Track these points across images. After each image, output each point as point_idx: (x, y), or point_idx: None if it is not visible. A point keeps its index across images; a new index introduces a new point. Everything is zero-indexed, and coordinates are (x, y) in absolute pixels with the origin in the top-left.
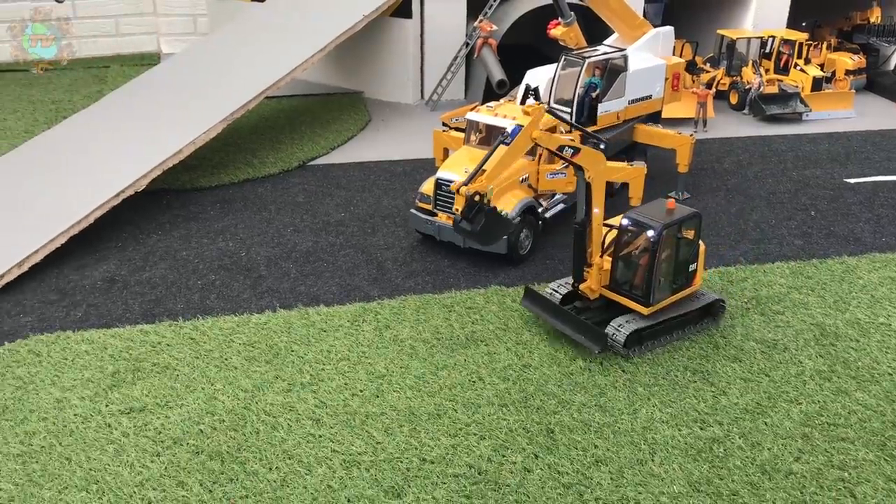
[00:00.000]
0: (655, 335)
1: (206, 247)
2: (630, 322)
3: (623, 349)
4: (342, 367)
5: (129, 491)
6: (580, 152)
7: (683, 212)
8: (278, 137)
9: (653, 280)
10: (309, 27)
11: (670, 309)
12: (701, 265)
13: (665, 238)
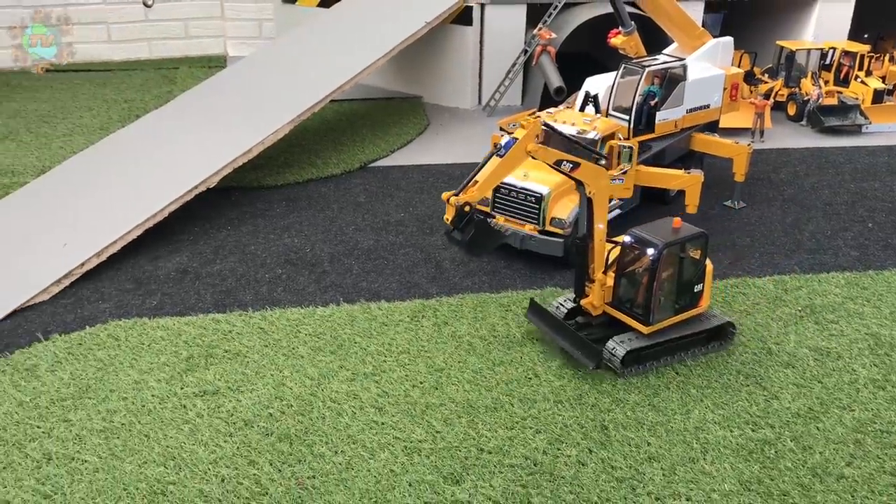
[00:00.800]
0: (657, 355)
1: (273, 242)
2: (629, 341)
3: (620, 367)
4: (403, 359)
5: (203, 468)
6: (579, 167)
7: (689, 231)
8: (340, 140)
9: (653, 299)
10: (373, 33)
11: (673, 329)
12: (708, 286)
13: (666, 257)
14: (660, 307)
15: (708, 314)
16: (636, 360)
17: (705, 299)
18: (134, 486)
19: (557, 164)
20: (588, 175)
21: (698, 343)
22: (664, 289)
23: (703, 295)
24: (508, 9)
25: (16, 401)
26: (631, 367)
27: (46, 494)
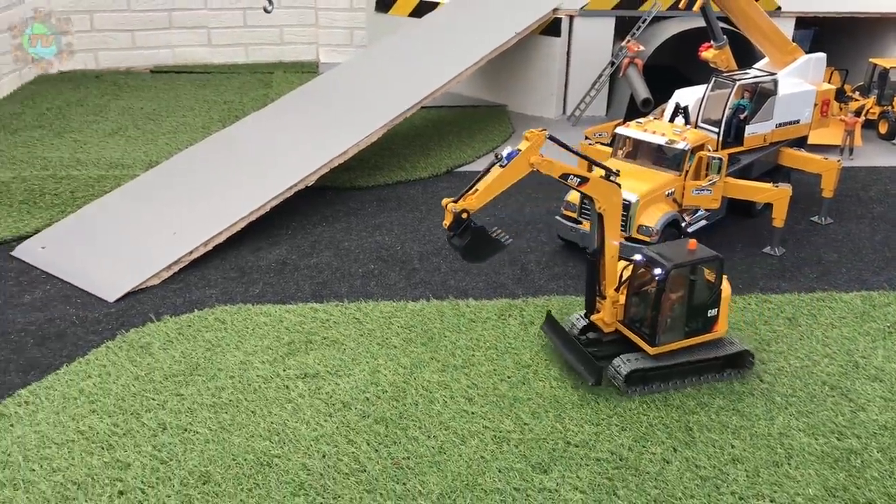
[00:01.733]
0: (665, 377)
1: (365, 239)
2: (634, 360)
3: (624, 386)
4: (490, 354)
5: (306, 444)
6: (587, 182)
7: (702, 254)
8: (428, 145)
9: (659, 320)
10: (463, 43)
11: (683, 353)
12: (725, 311)
13: (674, 278)
14: (667, 329)
15: (725, 340)
16: (642, 381)
17: (721, 324)
18: (242, 457)
19: (564, 177)
20: (597, 191)
21: (712, 369)
22: (673, 310)
23: (719, 320)
24: (597, 21)
25: (132, 375)
26: (637, 386)
27: (163, 460)
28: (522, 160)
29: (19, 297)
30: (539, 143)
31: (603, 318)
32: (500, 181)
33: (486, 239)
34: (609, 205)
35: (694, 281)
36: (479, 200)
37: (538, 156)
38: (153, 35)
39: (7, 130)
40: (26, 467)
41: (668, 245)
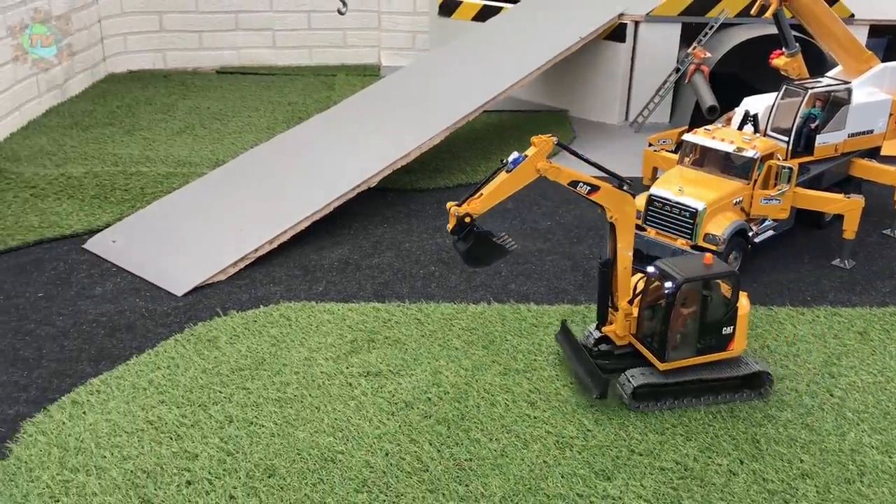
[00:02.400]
0: (676, 395)
1: (426, 241)
2: (642, 375)
3: (630, 400)
4: (552, 359)
5: (369, 441)
6: (598, 191)
7: (717, 269)
8: (489, 148)
9: (669, 335)
10: (526, 47)
11: (695, 370)
12: (742, 330)
13: (685, 293)
14: (677, 345)
15: (742, 360)
16: (652, 396)
17: (738, 343)
18: (307, 451)
19: (573, 184)
20: (608, 200)
21: (728, 389)
22: (685, 326)
23: (735, 338)
24: (663, 27)
25: (200, 367)
26: (645, 402)
27: (229, 452)
28: (529, 166)
29: (91, 288)
30: (546, 150)
31: (615, 330)
32: (506, 186)
33: (489, 244)
34: (621, 214)
35: (707, 296)
36: (484, 205)
37: (545, 162)
38: (219, 36)
39: (79, 127)
40: (98, 454)
41: (684, 259)
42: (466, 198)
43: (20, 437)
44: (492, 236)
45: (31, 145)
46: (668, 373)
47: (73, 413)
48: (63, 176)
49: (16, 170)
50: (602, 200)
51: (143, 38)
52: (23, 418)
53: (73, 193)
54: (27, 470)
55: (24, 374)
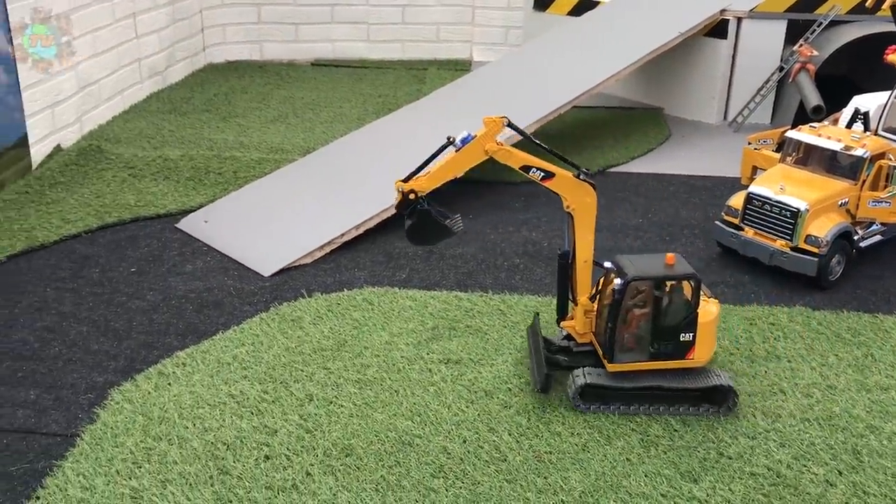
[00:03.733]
0: (626, 399)
1: (512, 234)
2: (590, 375)
3: (577, 399)
4: None
5: (447, 428)
6: (553, 177)
7: (677, 270)
8: (580, 143)
9: (616, 335)
10: (621, 42)
11: (649, 377)
12: (706, 338)
13: (635, 292)
14: (627, 346)
15: (706, 371)
16: (599, 398)
17: (699, 353)
18: (384, 434)
19: (525, 169)
20: (564, 188)
21: (686, 401)
22: (637, 328)
23: (696, 347)
24: (768, 23)
25: (283, 346)
26: (593, 403)
27: (308, 430)
28: (477, 146)
29: (181, 266)
30: (496, 130)
31: (574, 326)
32: (453, 165)
33: (432, 222)
34: (580, 205)
35: (660, 298)
36: (430, 183)
37: (494, 143)
38: (315, 29)
39: (178, 113)
40: (181, 424)
41: (645, 257)
42: (413, 173)
43: (108, 403)
44: (443, 217)
45: (132, 128)
46: (618, 375)
47: (159, 384)
48: (160, 158)
49: (116, 151)
50: (557, 188)
51: (242, 30)
52: (111, 386)
53: (169, 175)
54: (112, 435)
55: (114, 344)
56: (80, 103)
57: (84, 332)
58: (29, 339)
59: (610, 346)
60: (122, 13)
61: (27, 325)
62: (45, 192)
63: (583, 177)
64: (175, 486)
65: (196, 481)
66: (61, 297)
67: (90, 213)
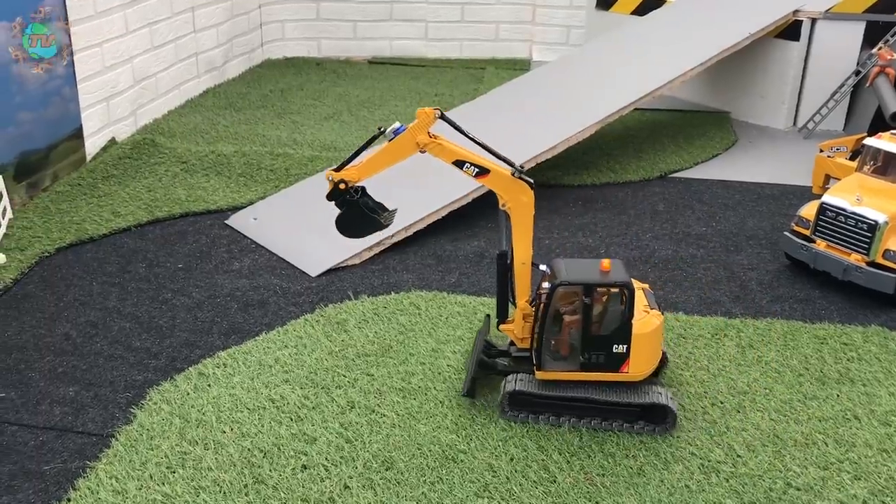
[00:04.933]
0: (557, 410)
1: (567, 239)
2: (521, 381)
3: (505, 407)
4: (701, 375)
5: (494, 444)
6: (488, 174)
7: (610, 277)
8: (641, 147)
9: (544, 341)
10: (687, 42)
11: (582, 388)
12: (640, 352)
13: (564, 298)
14: (556, 354)
15: (649, 388)
16: (529, 406)
17: (635, 366)
18: (427, 447)
19: (459, 164)
20: (499, 185)
21: (621, 416)
22: (568, 335)
23: (630, 360)
24: (844, 25)
25: (326, 349)
26: (521, 411)
27: (348, 439)
28: (408, 139)
29: (229, 263)
30: (428, 123)
31: (513, 329)
32: (383, 157)
33: (361, 215)
34: (516, 204)
35: (590, 306)
36: (360, 173)
37: (425, 135)
38: (373, 26)
39: (233, 108)
40: (218, 428)
41: (583, 261)
42: (344, 163)
43: (146, 404)
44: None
45: (187, 122)
46: (548, 384)
47: (199, 385)
48: (213, 153)
49: (170, 145)
50: (492, 185)
51: (300, 26)
52: (150, 385)
53: (221, 171)
54: (148, 438)
55: (156, 341)
56: (136, 97)
57: (127, 328)
58: (72, 333)
59: (539, 353)
60: (180, 7)
61: (71, 320)
62: (98, 184)
63: (517, 174)
64: (208, 493)
65: (230, 490)
66: (107, 291)
67: (140, 207)
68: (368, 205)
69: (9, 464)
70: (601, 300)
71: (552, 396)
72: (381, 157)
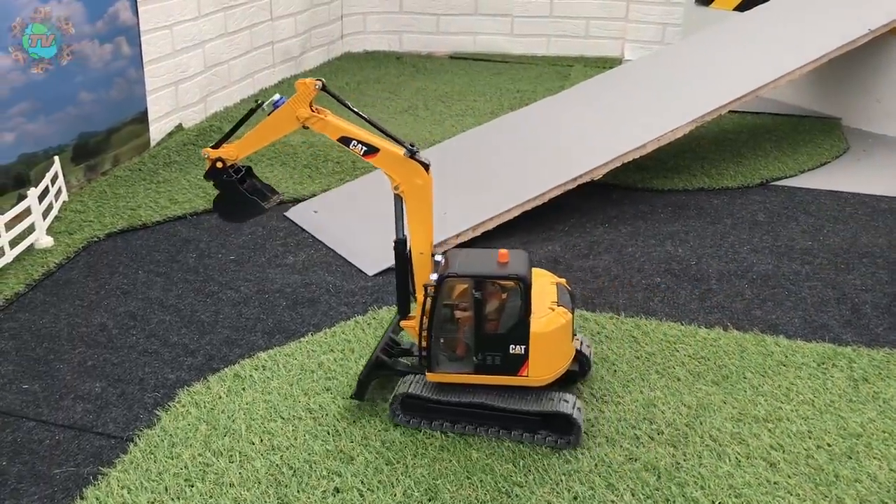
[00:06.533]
0: (452, 416)
1: (654, 248)
2: (415, 384)
3: (396, 410)
4: (804, 411)
5: (555, 477)
6: (377, 153)
7: (502, 270)
8: (740, 151)
9: (432, 339)
10: (796, 39)
11: (479, 392)
12: (540, 354)
13: (454, 291)
14: (446, 354)
15: (551, 395)
16: (423, 412)
17: (536, 370)
18: (478, 476)
19: (345, 141)
20: (390, 165)
21: (522, 425)
22: (462, 333)
23: (529, 363)
24: None
25: None
26: (415, 417)
27: (389, 461)
28: (287, 112)
29: (283, 257)
30: (309, 95)
31: (414, 326)
32: (262, 133)
33: (238, 196)
34: (409, 187)
35: (482, 301)
36: (238, 150)
37: (306, 109)
38: (457, 20)
39: None
40: (246, 439)
41: (477, 251)
42: (222, 139)
43: (173, 406)
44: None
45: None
46: (443, 388)
47: (233, 388)
48: (280, 143)
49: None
50: (382, 165)
51: (382, 19)
52: (181, 385)
53: (287, 161)
54: (170, 445)
55: (195, 337)
56: (206, 83)
57: (167, 321)
58: (108, 324)
59: (428, 353)
60: None
61: (110, 309)
62: (159, 170)
63: (409, 154)
64: None
65: None
66: (151, 281)
67: (199, 195)
68: (256, 186)
69: (19, 463)
70: (495, 295)
71: (444, 402)
72: (260, 133)
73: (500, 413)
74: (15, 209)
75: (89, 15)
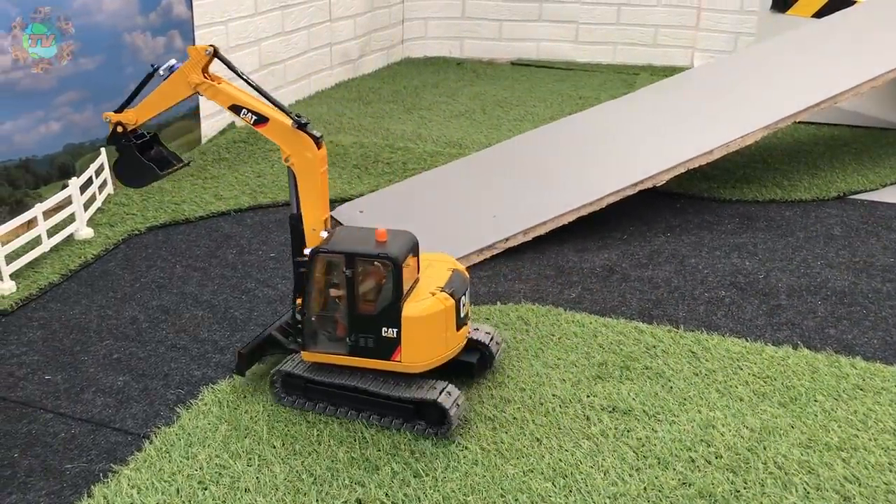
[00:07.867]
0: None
1: (719, 259)
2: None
3: (277, 389)
4: (884, 440)
5: (599, 500)
6: (267, 122)
7: (375, 249)
8: (816, 163)
9: (305, 315)
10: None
11: (352, 375)
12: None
13: (327, 268)
14: (320, 333)
15: (427, 383)
16: (303, 392)
17: (409, 355)
18: (513, 495)
19: (235, 109)
20: (280, 136)
21: (396, 411)
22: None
23: (402, 348)
24: None
25: None
26: (295, 397)
27: (417, 473)
28: (180, 78)
29: None
30: (200, 61)
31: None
32: (158, 98)
33: (136, 160)
34: (300, 160)
35: (352, 280)
36: (137, 115)
37: (199, 75)
38: (520, 26)
39: (362, 102)
40: (267, 442)
41: (360, 229)
42: (124, 104)
43: (195, 403)
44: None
45: (312, 112)
46: (321, 368)
47: (258, 387)
48: (331, 143)
49: None
50: (272, 135)
51: (444, 24)
52: (206, 382)
53: (337, 161)
54: (186, 444)
55: (226, 334)
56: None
57: (199, 316)
58: (139, 317)
59: (302, 331)
60: None
61: (143, 303)
62: (207, 167)
63: (294, 124)
64: None
65: None
66: (188, 275)
67: (245, 192)
68: (162, 154)
69: (31, 456)
70: (367, 274)
71: (321, 382)
72: (156, 99)
73: (374, 398)
74: (54, 198)
75: (142, 6)
